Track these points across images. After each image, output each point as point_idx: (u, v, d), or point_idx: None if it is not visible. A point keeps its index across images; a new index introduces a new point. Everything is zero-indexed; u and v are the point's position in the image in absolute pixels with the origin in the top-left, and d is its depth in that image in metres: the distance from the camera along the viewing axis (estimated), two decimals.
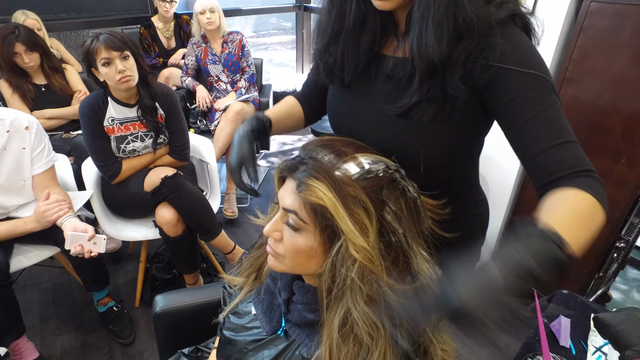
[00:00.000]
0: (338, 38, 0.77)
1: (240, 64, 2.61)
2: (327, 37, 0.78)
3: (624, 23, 1.34)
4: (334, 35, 0.77)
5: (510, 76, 0.65)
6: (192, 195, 1.65)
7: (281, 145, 3.68)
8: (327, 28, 0.78)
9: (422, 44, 0.64)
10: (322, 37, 0.80)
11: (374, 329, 0.60)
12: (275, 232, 0.66)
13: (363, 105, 0.79)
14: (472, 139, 0.79)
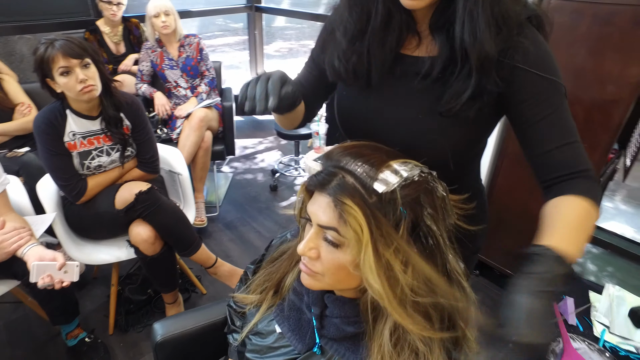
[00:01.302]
0: (363, 37, 0.75)
1: (199, 68, 2.51)
2: (350, 36, 0.76)
3: (581, 19, 1.44)
4: (359, 34, 0.75)
5: (531, 78, 0.68)
6: (169, 210, 1.56)
7: (242, 149, 3.60)
8: (349, 27, 0.75)
9: (475, 40, 0.64)
10: (343, 34, 0.77)
11: (424, 337, 0.59)
12: (311, 251, 0.63)
13: (390, 105, 0.77)
14: (489, 132, 0.81)
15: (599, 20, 1.41)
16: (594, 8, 1.41)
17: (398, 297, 0.58)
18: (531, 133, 0.71)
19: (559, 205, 0.67)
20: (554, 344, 0.84)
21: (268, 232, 2.55)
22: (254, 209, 2.77)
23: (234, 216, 2.69)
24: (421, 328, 0.59)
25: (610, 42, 1.40)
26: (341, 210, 0.58)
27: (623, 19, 1.37)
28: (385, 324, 0.62)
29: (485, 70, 0.66)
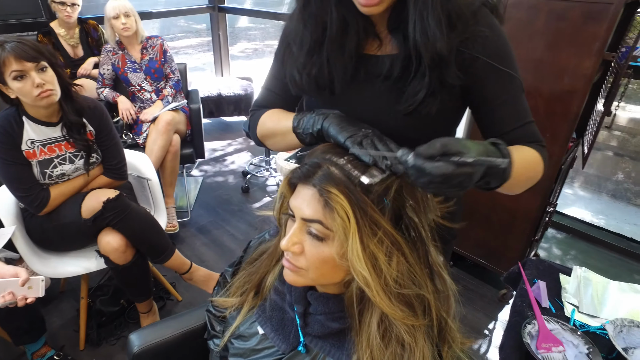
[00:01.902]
0: (320, 48, 0.74)
1: (164, 70, 2.44)
2: (307, 49, 0.74)
3: (537, 15, 1.51)
4: (316, 46, 0.74)
5: (491, 68, 0.71)
6: (139, 217, 1.50)
7: (211, 152, 3.53)
8: (305, 39, 0.74)
9: (427, 39, 0.65)
10: (299, 48, 0.76)
11: (410, 327, 0.60)
12: (295, 246, 0.63)
13: (357, 109, 0.76)
14: (457, 123, 0.84)
15: (554, 15, 1.48)
16: (549, 4, 1.47)
17: (382, 287, 0.58)
18: (491, 117, 0.76)
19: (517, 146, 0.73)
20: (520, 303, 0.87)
21: (242, 234, 2.51)
22: (226, 212, 2.73)
23: (207, 220, 2.64)
24: (405, 317, 0.59)
25: (564, 36, 1.47)
26: (327, 199, 0.58)
27: (575, 15, 1.44)
28: (372, 316, 0.62)
29: (439, 68, 0.67)
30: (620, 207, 3.09)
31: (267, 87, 0.91)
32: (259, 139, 0.90)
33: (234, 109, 3.71)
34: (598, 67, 1.46)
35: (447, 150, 0.50)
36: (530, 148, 0.73)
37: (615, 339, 0.87)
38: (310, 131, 0.71)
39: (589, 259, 2.39)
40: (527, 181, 0.73)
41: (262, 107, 0.91)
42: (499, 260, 1.96)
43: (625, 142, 3.32)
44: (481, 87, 0.73)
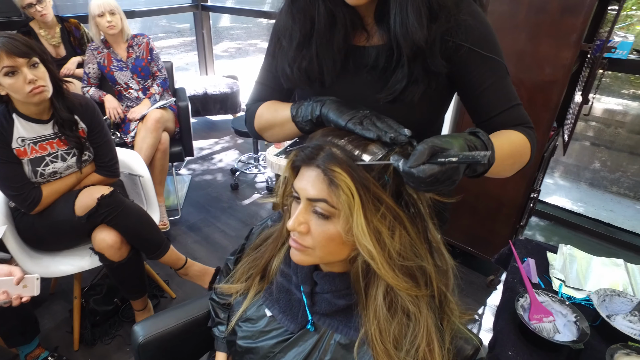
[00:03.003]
0: (309, 41, 0.76)
1: (150, 68, 2.43)
2: (297, 43, 0.77)
3: (518, 8, 1.57)
4: (305, 40, 0.76)
5: (476, 55, 0.74)
6: (134, 213, 1.51)
7: (199, 150, 3.52)
8: (295, 34, 0.76)
9: (407, 32, 0.67)
10: (289, 42, 0.78)
11: (414, 298, 0.64)
12: (301, 225, 0.65)
13: (349, 99, 0.78)
14: (444, 110, 0.87)
15: (534, 8, 1.54)
16: None
17: (386, 259, 0.62)
18: (478, 101, 0.78)
19: (504, 131, 0.76)
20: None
21: (233, 230, 2.53)
22: (216, 209, 2.74)
23: (197, 218, 2.64)
24: (409, 288, 0.63)
25: (544, 28, 1.54)
26: (331, 177, 0.60)
27: (553, 8, 1.51)
28: (377, 289, 0.65)
29: (420, 59, 0.70)
30: (598, 194, 3.21)
31: (260, 82, 0.93)
32: (257, 132, 0.92)
33: (220, 107, 3.70)
34: (576, 58, 1.53)
35: (433, 152, 0.53)
36: (516, 131, 0.75)
37: (599, 308, 0.93)
38: (310, 118, 0.74)
39: (570, 245, 2.48)
40: (515, 164, 0.75)
41: (257, 101, 0.93)
42: (486, 247, 2.02)
43: (601, 132, 3.46)
44: (467, 73, 0.76)
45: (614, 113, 3.42)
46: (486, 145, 0.62)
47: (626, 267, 1.11)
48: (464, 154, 0.52)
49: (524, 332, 0.88)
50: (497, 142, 0.66)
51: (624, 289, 1.05)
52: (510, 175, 0.77)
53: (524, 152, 0.76)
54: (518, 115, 0.78)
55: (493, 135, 0.74)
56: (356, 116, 0.66)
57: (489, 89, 0.76)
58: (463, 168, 0.56)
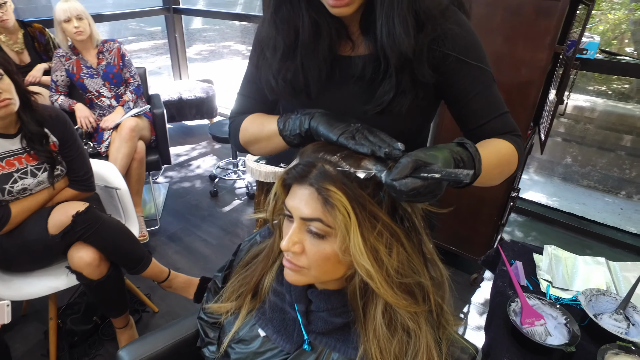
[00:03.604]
0: (294, 52, 0.74)
1: (123, 75, 2.34)
2: (281, 54, 0.75)
3: (495, 10, 1.60)
4: (289, 51, 0.74)
5: (462, 64, 0.73)
6: (113, 228, 1.44)
7: (176, 157, 3.44)
8: (279, 45, 0.74)
9: (394, 42, 0.66)
10: (273, 53, 0.76)
11: (413, 314, 0.63)
12: (295, 245, 0.63)
13: (334, 110, 0.75)
14: (430, 119, 0.87)
15: (510, 11, 1.57)
16: (505, 1, 1.56)
17: (385, 278, 0.61)
18: (465, 110, 0.78)
19: (491, 139, 0.76)
20: (508, 293, 0.93)
21: (214, 239, 2.47)
22: (196, 218, 2.67)
23: (177, 227, 2.57)
24: (409, 305, 0.62)
25: (520, 30, 1.57)
26: (326, 197, 0.59)
27: (528, 11, 1.54)
28: (376, 308, 0.64)
29: (408, 69, 0.69)
30: (570, 188, 3.33)
31: (243, 93, 0.91)
32: (242, 146, 0.89)
33: (196, 112, 3.63)
34: (550, 59, 1.56)
35: (417, 165, 0.53)
36: (504, 140, 0.75)
37: (587, 308, 0.95)
38: (298, 132, 0.72)
39: (548, 239, 2.55)
40: (502, 173, 0.75)
41: (240, 114, 0.90)
42: (469, 246, 2.05)
43: (572, 128, 3.58)
44: (454, 82, 0.75)
45: (582, 110, 3.54)
46: (473, 157, 0.61)
47: (608, 265, 1.14)
48: (447, 170, 0.52)
49: (517, 336, 0.89)
50: (484, 152, 0.66)
51: (607, 287, 1.07)
52: (497, 183, 0.77)
53: (511, 160, 0.76)
54: (505, 123, 0.78)
55: (480, 144, 0.74)
56: (348, 130, 0.64)
57: (476, 97, 0.76)
58: (446, 183, 0.55)
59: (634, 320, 0.95)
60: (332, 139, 0.65)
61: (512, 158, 0.76)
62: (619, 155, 3.48)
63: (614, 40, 4.49)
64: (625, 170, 3.40)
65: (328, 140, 0.66)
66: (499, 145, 0.74)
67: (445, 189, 0.56)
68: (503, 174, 0.76)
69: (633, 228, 2.62)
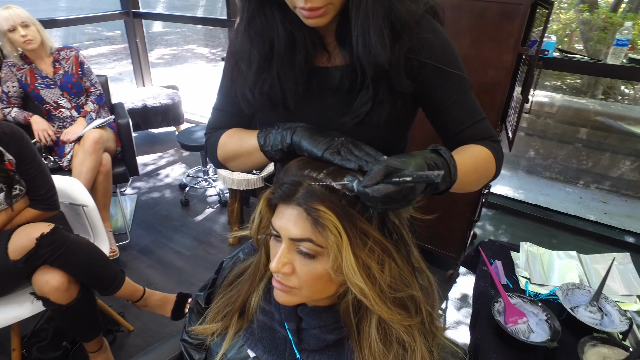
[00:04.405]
0: (270, 64, 0.73)
1: (82, 84, 2.23)
2: (256, 67, 0.73)
3: (461, 14, 1.64)
4: (265, 63, 0.73)
5: (439, 72, 0.74)
6: (81, 248, 1.37)
7: (143, 167, 3.32)
8: (254, 57, 0.73)
9: (370, 54, 0.66)
10: (248, 66, 0.74)
11: (407, 327, 0.63)
12: (285, 266, 0.62)
13: (313, 122, 0.74)
14: (410, 127, 0.87)
15: (475, 15, 1.61)
16: (470, 5, 1.60)
17: (378, 294, 0.60)
18: (443, 118, 0.78)
19: (467, 146, 0.76)
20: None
21: (188, 250, 2.40)
22: (168, 229, 2.59)
23: (148, 240, 2.48)
24: (403, 319, 0.62)
25: (485, 33, 1.62)
26: (316, 217, 0.57)
27: (492, 14, 1.59)
28: (370, 324, 0.63)
29: (384, 79, 0.69)
30: (534, 180, 3.47)
31: (218, 108, 0.88)
32: (220, 163, 0.86)
33: (162, 119, 3.51)
34: (515, 59, 1.62)
35: (388, 172, 0.53)
36: (481, 146, 0.76)
37: (564, 302, 0.98)
38: (280, 147, 0.70)
39: (516, 231, 2.65)
40: (480, 179, 0.76)
41: (217, 129, 0.87)
42: (444, 243, 2.09)
43: (533, 123, 3.74)
44: (432, 90, 0.75)
45: (543, 105, 3.71)
46: (447, 162, 0.62)
47: (579, 259, 1.19)
48: (418, 173, 0.53)
49: (502, 336, 0.91)
50: (460, 158, 0.66)
51: (580, 280, 1.12)
52: (476, 189, 0.78)
53: (489, 166, 0.76)
54: (483, 129, 0.79)
55: (456, 151, 0.74)
56: (332, 145, 0.63)
57: (454, 105, 0.76)
58: (421, 188, 0.55)
59: (606, 310, 0.99)
60: (317, 155, 0.63)
61: (489, 164, 0.76)
62: (576, 147, 3.66)
63: (565, 38, 4.73)
64: (582, 161, 3.58)
65: (312, 155, 0.64)
66: (476, 151, 0.75)
67: (420, 194, 0.57)
68: (481, 180, 0.76)
69: (592, 216, 2.76)
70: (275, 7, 0.70)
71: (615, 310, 0.98)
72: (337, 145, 0.63)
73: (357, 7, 0.64)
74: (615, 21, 3.80)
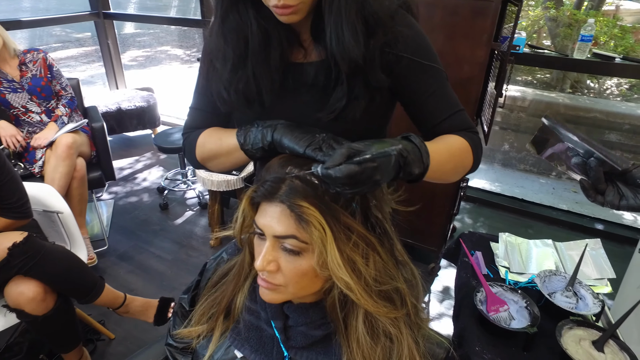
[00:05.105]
0: (244, 62, 0.72)
1: (52, 87, 2.16)
2: (231, 65, 0.73)
3: (434, 10, 1.66)
4: (240, 61, 0.72)
5: (415, 65, 0.74)
6: (57, 256, 1.33)
7: (119, 171, 3.24)
8: (228, 55, 0.72)
9: (343, 49, 0.66)
10: (223, 64, 0.73)
11: (393, 320, 0.63)
12: (271, 264, 0.61)
13: (290, 119, 0.74)
14: (388, 122, 0.88)
15: (448, 11, 1.64)
16: (443, 2, 1.63)
17: (364, 288, 0.61)
18: (421, 111, 0.79)
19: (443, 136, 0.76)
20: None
21: (169, 254, 2.36)
22: (147, 233, 2.54)
23: (127, 245, 2.43)
24: (389, 311, 0.63)
25: (459, 29, 1.65)
26: (300, 213, 0.58)
27: (465, 11, 1.62)
28: (357, 318, 0.64)
29: (359, 75, 0.69)
30: (509, 173, 3.57)
31: (195, 107, 0.87)
32: (199, 163, 0.85)
33: (137, 122, 3.44)
34: (488, 55, 1.66)
35: (351, 154, 0.53)
36: (458, 136, 0.76)
37: (542, 288, 1.02)
38: (261, 145, 0.70)
39: (494, 223, 2.72)
40: (456, 169, 0.76)
41: (194, 129, 0.86)
42: (425, 237, 2.13)
43: (507, 117, 3.84)
44: (409, 83, 0.76)
45: (515, 99, 3.81)
46: (418, 148, 0.62)
47: (555, 246, 1.23)
48: (378, 151, 0.53)
49: (484, 324, 0.94)
50: (434, 146, 0.67)
51: (556, 267, 1.16)
52: (455, 179, 0.78)
53: (465, 155, 0.77)
54: (462, 121, 0.79)
55: (432, 140, 0.75)
56: (314, 141, 0.64)
57: (431, 97, 0.77)
58: (386, 167, 0.55)
59: (581, 294, 1.03)
60: (298, 152, 0.64)
61: (465, 153, 0.76)
62: None
63: (534, 35, 4.88)
64: None
65: (294, 152, 0.64)
66: (451, 140, 0.75)
67: (391, 179, 0.57)
68: (458, 169, 0.77)
69: (564, 205, 2.86)
70: (249, 4, 0.69)
71: (589, 294, 1.02)
72: (319, 141, 0.64)
73: (329, 4, 0.64)
74: (579, 18, 3.94)
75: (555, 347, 0.87)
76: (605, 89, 4.55)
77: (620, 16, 4.42)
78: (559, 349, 0.85)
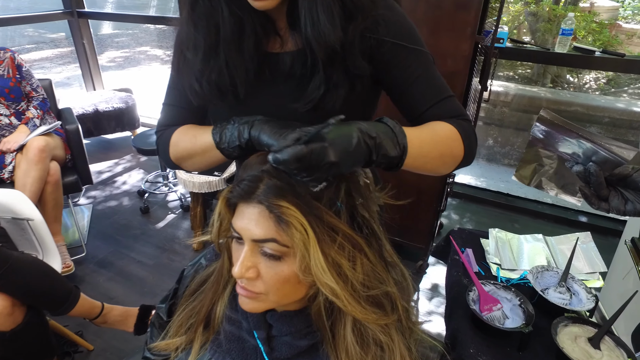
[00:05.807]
0: (217, 51, 0.68)
1: (22, 88, 2.06)
2: (202, 54, 0.68)
3: (417, 4, 1.63)
4: (211, 50, 0.68)
5: (398, 48, 0.70)
6: (26, 267, 1.25)
7: (98, 175, 3.14)
8: (199, 44, 0.68)
9: (319, 34, 0.62)
10: (194, 53, 0.69)
11: (384, 327, 0.59)
12: (249, 271, 0.57)
13: (266, 111, 0.69)
14: (373, 112, 0.83)
15: (431, 5, 1.62)
16: None
17: (351, 294, 0.56)
18: (407, 97, 0.73)
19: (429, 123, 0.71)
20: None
21: (150, 259, 2.29)
22: (127, 238, 2.46)
23: (106, 251, 2.34)
24: (378, 318, 0.58)
25: (442, 23, 1.62)
26: (279, 214, 0.53)
27: (448, 4, 1.60)
28: (345, 326, 0.60)
29: (337, 62, 0.66)
30: (494, 168, 3.58)
31: (168, 103, 0.82)
32: (173, 163, 0.80)
33: (116, 124, 3.33)
34: (472, 49, 1.64)
35: (300, 136, 0.49)
36: (445, 122, 0.70)
37: (535, 285, 0.99)
38: (237, 143, 0.65)
39: (480, 218, 2.72)
40: (444, 157, 0.70)
41: (168, 126, 0.81)
42: (412, 235, 2.10)
43: (490, 112, 3.87)
44: (392, 68, 0.71)
45: (499, 94, 3.83)
46: (392, 129, 0.58)
47: (545, 241, 1.21)
48: (329, 130, 0.50)
49: (477, 324, 0.91)
50: (415, 131, 0.63)
51: (548, 262, 1.14)
52: (445, 170, 0.73)
53: (454, 143, 0.70)
54: (451, 107, 0.73)
55: (415, 127, 0.69)
56: None
57: (417, 81, 0.72)
58: (344, 148, 0.51)
59: (574, 290, 1.01)
60: None
61: (453, 141, 0.70)
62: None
63: (514, 30, 4.94)
64: None
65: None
66: (437, 127, 0.69)
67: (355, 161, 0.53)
68: (445, 158, 0.70)
69: (548, 199, 2.87)
70: None
71: (582, 289, 1.00)
72: None
73: None
74: (559, 13, 3.99)
75: (550, 345, 0.85)
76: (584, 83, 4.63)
77: (596, 11, 4.51)
78: (555, 347, 0.83)
